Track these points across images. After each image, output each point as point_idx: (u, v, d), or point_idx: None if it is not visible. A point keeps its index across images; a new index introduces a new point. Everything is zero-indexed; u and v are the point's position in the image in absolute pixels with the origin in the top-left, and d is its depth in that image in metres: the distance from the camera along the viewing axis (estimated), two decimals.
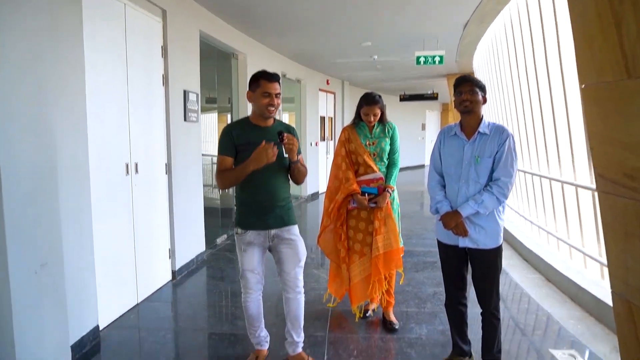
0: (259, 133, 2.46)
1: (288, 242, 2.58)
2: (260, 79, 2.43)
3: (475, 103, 2.41)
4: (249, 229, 2.51)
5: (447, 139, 2.56)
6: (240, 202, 2.56)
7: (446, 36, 6.67)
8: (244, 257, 2.54)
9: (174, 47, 4.31)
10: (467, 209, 2.39)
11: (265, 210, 2.51)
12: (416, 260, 4.96)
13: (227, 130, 2.50)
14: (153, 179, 3.99)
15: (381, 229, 3.18)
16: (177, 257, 4.39)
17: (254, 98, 2.45)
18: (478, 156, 2.42)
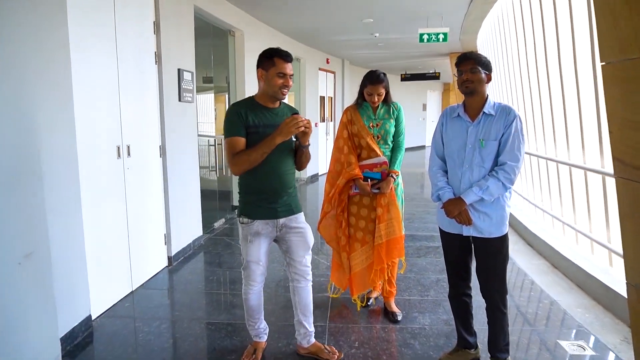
0: (269, 115, 2.33)
1: (297, 231, 2.46)
2: (275, 57, 2.25)
3: (478, 83, 2.24)
4: (256, 219, 2.36)
5: (450, 120, 2.40)
6: (247, 189, 2.39)
7: (451, 13, 6.42)
8: (250, 248, 2.39)
9: (167, 23, 4.10)
10: (470, 195, 2.24)
11: (275, 198, 2.38)
12: (418, 245, 4.85)
13: (235, 110, 2.29)
14: (146, 162, 3.84)
15: (384, 216, 3.05)
16: (173, 243, 4.27)
17: (266, 77, 2.27)
18: (482, 139, 2.26)
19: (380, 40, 8.61)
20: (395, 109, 3.13)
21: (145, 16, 3.81)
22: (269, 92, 2.28)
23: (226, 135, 2.27)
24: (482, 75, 2.24)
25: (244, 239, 2.41)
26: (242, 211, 2.40)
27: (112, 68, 3.30)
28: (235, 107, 2.31)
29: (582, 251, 4.17)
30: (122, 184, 3.44)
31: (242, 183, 2.41)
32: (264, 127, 2.27)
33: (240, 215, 2.41)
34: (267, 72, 2.25)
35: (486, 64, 2.25)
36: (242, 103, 2.36)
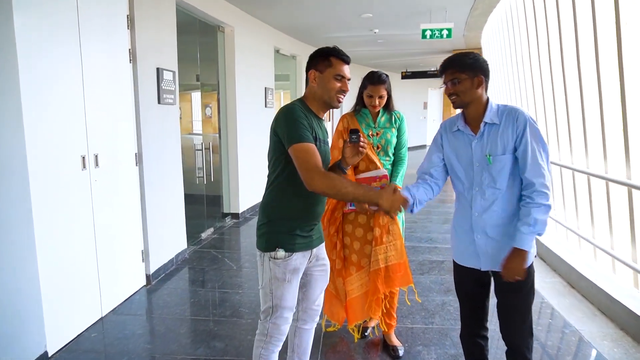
0: (318, 126, 1.92)
1: (322, 264, 2.07)
2: (332, 56, 1.88)
3: (464, 93, 1.85)
4: (296, 251, 1.89)
5: (450, 136, 1.99)
6: (289, 213, 1.89)
7: (455, 7, 6.02)
8: (288, 290, 1.89)
9: (143, 17, 3.70)
10: (526, 239, 1.79)
11: (314, 223, 1.97)
12: (421, 260, 4.46)
13: (299, 111, 1.83)
14: (119, 172, 3.44)
15: (382, 237, 2.66)
16: (151, 259, 3.88)
17: (321, 80, 1.88)
18: (489, 154, 1.86)
19: (380, 36, 8.20)
20: (397, 118, 2.75)
21: (117, 9, 3.40)
22: (324, 97, 1.89)
23: (298, 139, 1.75)
24: (470, 83, 1.84)
25: (279, 279, 1.87)
26: (276, 242, 1.87)
27: (74, 67, 2.90)
28: (299, 109, 1.84)
29: (602, 269, 3.79)
30: (87, 198, 3.05)
31: (282, 205, 1.89)
32: (321, 142, 1.88)
33: (273, 248, 1.87)
34: (322, 74, 1.88)
35: (472, 64, 1.85)
36: (302, 105, 1.90)
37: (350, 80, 1.91)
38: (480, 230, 1.91)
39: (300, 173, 1.75)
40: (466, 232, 1.96)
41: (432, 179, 2.06)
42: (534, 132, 1.83)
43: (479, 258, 1.94)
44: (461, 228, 1.99)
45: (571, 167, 4.29)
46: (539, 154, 1.82)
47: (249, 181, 6.27)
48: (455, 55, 1.89)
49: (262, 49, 6.78)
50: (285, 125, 1.79)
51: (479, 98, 1.87)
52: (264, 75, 6.82)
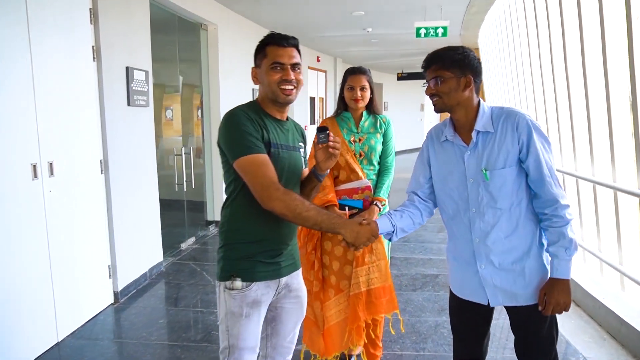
0: (281, 130, 1.62)
1: (295, 295, 1.73)
2: (267, 45, 1.58)
3: (447, 95, 1.54)
4: (256, 280, 1.57)
5: (438, 147, 1.69)
6: (244, 236, 1.58)
7: (451, 4, 5.73)
8: (246, 328, 1.57)
9: (109, 12, 3.39)
10: (565, 266, 1.53)
11: (280, 248, 1.64)
12: (413, 274, 4.15)
13: (245, 116, 1.52)
14: (80, 181, 3.13)
15: (364, 257, 2.36)
16: (120, 275, 3.57)
17: (260, 75, 1.60)
18: (485, 169, 1.55)
19: (374, 36, 7.91)
20: (383, 123, 2.46)
21: (77, 2, 3.09)
22: (268, 94, 1.59)
23: (244, 152, 1.47)
24: (455, 82, 1.53)
25: (235, 314, 1.56)
26: (232, 270, 1.56)
27: (22, 66, 2.59)
28: (242, 112, 1.53)
29: (609, 286, 3.48)
30: (40, 210, 2.74)
31: (240, 227, 1.58)
32: (276, 148, 1.57)
33: (228, 277, 1.56)
34: (260, 68, 1.60)
35: (460, 61, 1.53)
36: (249, 108, 1.59)
37: (299, 67, 1.58)
38: (484, 260, 1.61)
39: (253, 191, 1.48)
40: (467, 262, 1.64)
41: (422, 202, 1.75)
42: (541, 137, 1.54)
43: (484, 292, 1.63)
44: (460, 257, 1.68)
45: (575, 174, 3.99)
46: (548, 164, 1.53)
47: None
48: (441, 50, 1.58)
49: (249, 48, 6.39)
50: (226, 135, 1.52)
51: (467, 101, 1.57)
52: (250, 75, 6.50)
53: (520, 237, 1.58)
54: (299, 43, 1.63)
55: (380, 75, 14.77)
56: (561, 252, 1.52)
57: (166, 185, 4.66)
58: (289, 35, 1.59)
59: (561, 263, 1.53)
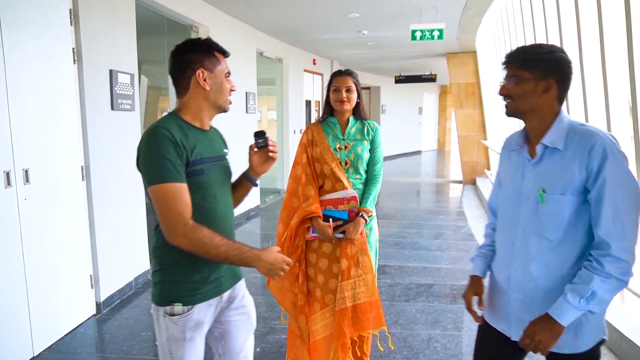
0: (204, 141, 1.53)
1: (242, 306, 1.66)
2: (215, 50, 1.54)
3: (521, 98, 1.36)
4: (197, 302, 1.49)
5: (506, 155, 1.54)
6: (185, 256, 1.44)
7: (447, 7, 5.63)
8: (191, 350, 1.50)
9: (91, 12, 3.28)
10: (569, 312, 1.29)
11: (221, 263, 1.54)
12: (407, 283, 4.03)
13: (163, 134, 1.39)
14: (59, 188, 3.01)
15: (350, 271, 2.24)
16: (103, 285, 3.44)
17: (214, 81, 1.51)
18: (543, 189, 1.36)
19: (370, 38, 7.80)
20: (370, 129, 2.35)
21: (56, 2, 2.98)
22: (219, 101, 1.53)
23: (159, 179, 1.36)
24: (532, 84, 1.35)
25: (178, 338, 1.48)
26: (170, 295, 1.47)
27: None
28: (164, 130, 1.40)
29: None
30: (14, 220, 2.62)
31: (171, 249, 1.43)
32: (209, 162, 1.50)
33: (168, 302, 1.47)
34: (213, 74, 1.51)
35: (544, 61, 1.34)
36: (171, 123, 1.45)
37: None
38: (518, 289, 1.43)
39: (160, 223, 1.41)
40: (502, 286, 1.49)
41: None
42: (619, 169, 1.27)
43: (510, 323, 1.46)
44: (499, 279, 1.51)
45: None
46: (624, 205, 1.27)
47: None
48: (527, 46, 1.40)
49: (243, 52, 6.37)
50: (143, 158, 1.40)
51: (542, 108, 1.37)
52: (244, 79, 6.40)
53: (566, 278, 1.35)
54: None
55: (378, 78, 14.68)
56: (573, 297, 1.28)
57: None
58: None
59: (564, 306, 1.29)
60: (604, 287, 1.27)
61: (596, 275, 1.27)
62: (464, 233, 5.76)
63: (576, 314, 1.29)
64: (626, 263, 1.27)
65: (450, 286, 3.94)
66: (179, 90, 1.53)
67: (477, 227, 6.02)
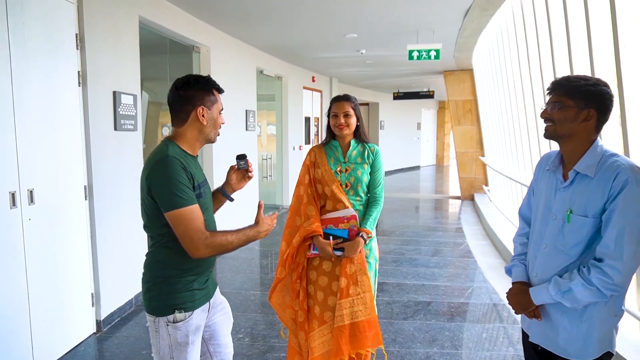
0: (197, 167, 1.76)
1: (222, 307, 1.90)
2: (214, 89, 1.74)
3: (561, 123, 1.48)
4: (196, 308, 1.68)
5: (542, 174, 1.66)
6: (179, 267, 1.64)
7: (443, 27, 5.75)
8: (192, 354, 1.67)
9: (96, 37, 3.37)
10: (541, 294, 1.55)
11: (209, 273, 1.79)
12: (406, 300, 4.06)
13: (178, 162, 1.58)
14: (62, 208, 3.07)
15: (349, 289, 2.29)
16: (104, 303, 3.48)
17: (210, 117, 1.70)
18: (571, 210, 1.49)
19: (368, 57, 7.94)
20: (371, 153, 2.43)
21: (62, 28, 3.07)
22: (210, 135, 1.74)
23: (179, 204, 1.54)
24: (574, 112, 1.45)
25: (181, 343, 1.63)
26: (172, 304, 1.63)
27: (2, 89, 2.55)
28: (175, 161, 1.58)
29: None
30: (19, 239, 2.67)
31: (175, 262, 1.63)
32: (203, 186, 1.74)
33: (171, 310, 1.62)
34: (210, 111, 1.70)
35: (587, 92, 1.44)
36: (175, 150, 1.64)
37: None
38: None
39: (182, 243, 1.58)
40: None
41: None
42: (634, 199, 1.38)
43: (530, 325, 1.66)
44: None
45: None
46: (630, 231, 1.37)
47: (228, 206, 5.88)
48: (572, 77, 1.52)
49: (243, 70, 6.48)
50: (162, 186, 1.56)
51: (580, 135, 1.48)
52: (244, 97, 6.50)
53: None
54: None
55: (377, 95, 14.84)
56: (552, 286, 1.50)
57: None
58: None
59: (539, 289, 1.54)
60: (582, 290, 1.44)
61: (580, 278, 1.44)
62: (461, 250, 5.80)
63: (546, 299, 1.52)
64: (612, 280, 1.40)
65: (448, 304, 3.98)
66: (177, 121, 1.69)
67: (475, 244, 6.07)
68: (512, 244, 1.81)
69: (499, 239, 5.67)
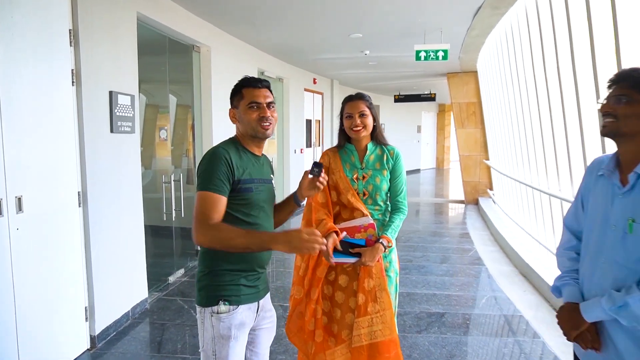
0: (256, 165, 1.77)
1: (270, 315, 1.86)
2: (243, 88, 1.75)
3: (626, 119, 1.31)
4: (241, 303, 1.68)
5: (592, 181, 1.49)
6: (228, 260, 1.67)
7: (451, 27, 5.58)
8: (234, 350, 1.64)
9: (91, 33, 3.17)
10: (594, 310, 1.36)
11: (260, 272, 1.77)
12: (417, 312, 3.86)
13: (222, 155, 1.64)
14: (54, 216, 2.86)
15: (367, 307, 2.10)
16: (98, 317, 3.26)
17: (239, 115, 1.75)
18: (632, 219, 1.29)
19: (372, 58, 7.76)
20: (390, 157, 2.23)
21: (55, 23, 2.87)
22: (249, 131, 1.74)
23: (204, 187, 1.60)
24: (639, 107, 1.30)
25: (224, 336, 1.63)
26: (218, 295, 1.65)
27: None
28: (222, 152, 1.66)
29: None
30: (5, 250, 2.46)
31: (218, 255, 1.66)
32: (258, 182, 1.73)
33: (216, 302, 1.64)
34: (238, 109, 1.75)
35: None
36: (229, 145, 1.73)
37: (273, 105, 1.75)
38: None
39: (193, 222, 1.59)
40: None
41: None
42: None
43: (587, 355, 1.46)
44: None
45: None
46: None
47: None
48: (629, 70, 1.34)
49: (244, 71, 6.26)
50: (201, 169, 1.65)
51: None
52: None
53: None
54: (270, 85, 1.78)
55: (378, 97, 14.66)
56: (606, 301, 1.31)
57: (156, 210, 4.40)
58: (261, 78, 1.78)
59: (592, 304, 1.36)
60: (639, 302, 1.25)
61: (639, 291, 1.26)
62: (470, 256, 5.60)
63: (602, 316, 1.33)
64: None
65: (463, 315, 3.78)
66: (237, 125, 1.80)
67: (484, 250, 5.87)
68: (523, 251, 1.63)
69: (509, 245, 5.48)
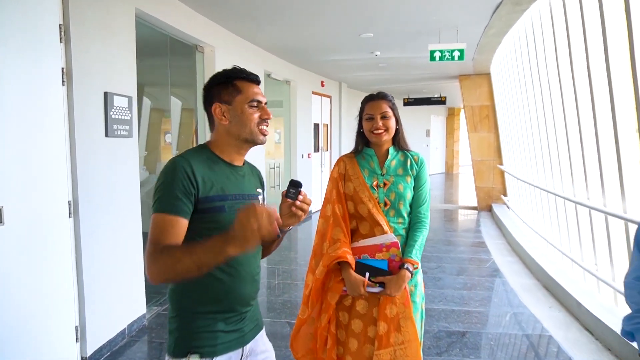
0: (232, 177, 1.42)
1: (264, 358, 1.51)
2: (236, 80, 1.42)
3: None
4: (217, 354, 1.34)
5: None
6: (198, 303, 1.35)
7: (468, 25, 5.30)
8: None
9: (84, 28, 2.93)
10: None
11: (243, 311, 1.42)
12: (436, 330, 3.56)
13: (180, 166, 1.31)
14: (40, 228, 2.61)
15: (389, 337, 1.82)
16: (90, 337, 3.00)
17: (233, 113, 1.40)
18: None
19: (382, 60, 7.49)
20: (414, 162, 1.94)
21: (43, 16, 2.62)
22: (243, 134, 1.40)
23: (157, 208, 1.28)
24: None
25: None
26: (188, 345, 1.32)
27: None
28: (182, 162, 1.32)
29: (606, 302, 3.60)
30: None
31: (193, 290, 1.34)
32: (234, 200, 1.37)
33: (185, 354, 1.32)
34: (231, 106, 1.40)
35: None
36: (193, 154, 1.37)
37: (267, 104, 1.44)
38: None
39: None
40: None
41: None
42: None
43: None
44: None
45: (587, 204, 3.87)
46: None
47: None
48: None
49: None
50: (157, 184, 1.31)
51: None
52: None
53: None
54: None
55: None
56: None
57: None
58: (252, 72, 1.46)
59: None
60: None
61: None
62: (488, 268, 5.29)
63: None
64: None
65: (486, 335, 3.47)
66: (210, 125, 1.45)
67: (502, 261, 5.56)
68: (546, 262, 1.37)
69: (529, 256, 5.17)
